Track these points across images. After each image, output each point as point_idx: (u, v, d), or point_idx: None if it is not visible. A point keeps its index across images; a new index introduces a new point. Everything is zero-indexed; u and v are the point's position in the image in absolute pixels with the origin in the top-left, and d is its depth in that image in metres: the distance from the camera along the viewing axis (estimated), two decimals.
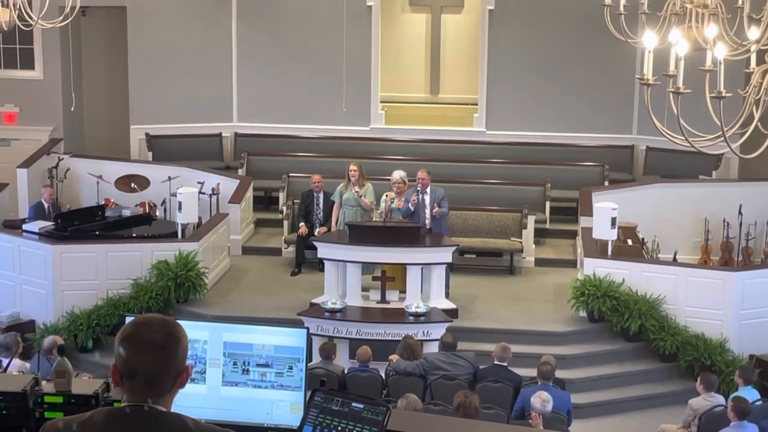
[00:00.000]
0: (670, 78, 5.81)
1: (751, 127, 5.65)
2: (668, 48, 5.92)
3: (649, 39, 5.77)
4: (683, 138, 5.58)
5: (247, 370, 3.88)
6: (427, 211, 13.90)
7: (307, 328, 3.91)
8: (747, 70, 6.01)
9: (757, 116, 5.60)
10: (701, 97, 5.86)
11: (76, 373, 4.27)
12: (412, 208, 13.79)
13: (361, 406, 3.56)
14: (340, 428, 3.54)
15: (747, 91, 5.70)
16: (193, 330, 3.90)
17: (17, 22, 11.72)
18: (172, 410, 3.09)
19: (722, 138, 5.45)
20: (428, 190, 13.96)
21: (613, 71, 17.76)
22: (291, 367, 3.86)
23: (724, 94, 5.35)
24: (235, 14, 18.79)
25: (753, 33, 6.10)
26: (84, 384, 4.02)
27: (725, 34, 7.99)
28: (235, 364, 3.89)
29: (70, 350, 13.26)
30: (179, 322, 3.17)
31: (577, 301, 13.54)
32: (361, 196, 14.31)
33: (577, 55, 18.14)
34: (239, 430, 3.91)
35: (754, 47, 6.00)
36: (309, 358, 11.80)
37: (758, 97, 5.60)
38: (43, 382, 4.01)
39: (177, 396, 3.13)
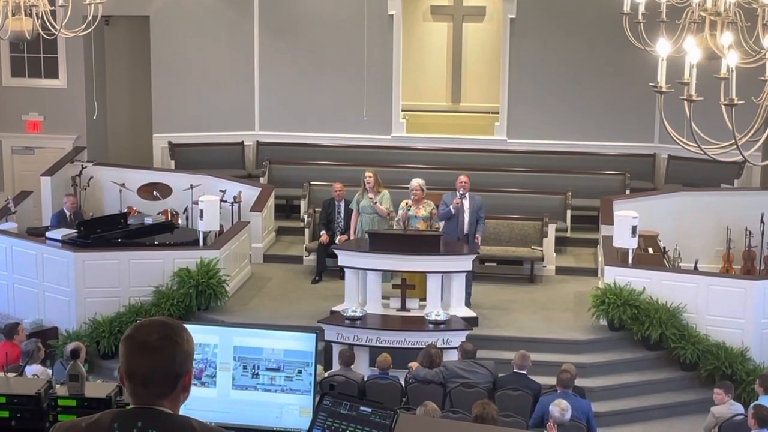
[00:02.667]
0: (684, 86, 5.82)
1: (765, 135, 5.66)
2: (685, 56, 5.94)
3: (662, 47, 5.78)
4: (696, 145, 5.59)
5: (257, 374, 3.92)
6: (466, 216, 13.92)
7: (317, 333, 3.93)
8: (763, 78, 6.01)
9: None
10: (718, 105, 5.87)
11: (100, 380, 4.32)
12: (453, 211, 13.80)
13: (369, 410, 3.60)
14: None
15: (761, 99, 5.70)
16: (203, 334, 3.96)
17: (40, 31, 11.83)
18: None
19: (735, 146, 5.45)
20: (467, 195, 13.99)
21: (634, 79, 17.68)
22: (300, 371, 3.89)
23: (735, 102, 5.36)
24: (257, 23, 18.88)
25: (767, 41, 6.10)
26: (97, 387, 4.08)
27: (744, 42, 7.98)
28: (245, 368, 3.92)
29: (92, 357, 13.36)
30: (187, 326, 3.20)
31: (598, 309, 13.52)
32: (375, 203, 14.34)
33: (598, 63, 18.13)
34: None
35: None
36: (330, 364, 11.78)
37: None
38: (57, 386, 4.06)
39: (188, 400, 3.13)
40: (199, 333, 3.95)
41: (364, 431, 3.56)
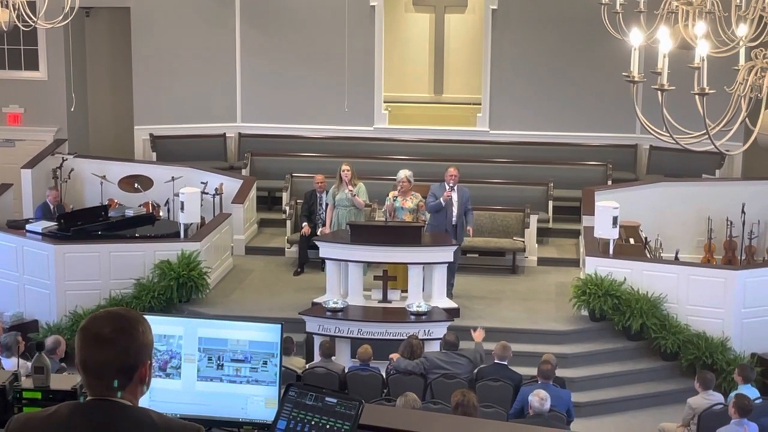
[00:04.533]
0: (657, 75, 5.81)
1: (737, 124, 5.66)
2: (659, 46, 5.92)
3: (635, 37, 5.78)
4: (668, 135, 5.59)
5: (222, 366, 3.90)
6: (455, 209, 13.93)
7: (282, 324, 3.91)
8: (736, 68, 6.01)
9: (744, 113, 5.60)
10: (693, 95, 5.86)
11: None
12: (443, 203, 13.80)
13: (335, 400, 3.58)
14: (313, 423, 3.56)
15: (733, 88, 5.70)
16: (168, 325, 3.94)
17: (17, 22, 11.75)
18: (142, 405, 3.09)
19: (707, 135, 5.45)
20: (455, 187, 13.99)
21: (615, 70, 17.52)
22: (266, 363, 3.87)
23: (707, 91, 5.36)
24: (238, 14, 18.82)
25: (741, 30, 6.11)
26: (62, 379, 4.05)
27: (722, 33, 7.98)
28: (210, 359, 3.90)
29: (73, 350, 13.29)
30: (151, 317, 3.17)
31: (579, 300, 13.54)
32: (355, 195, 14.32)
33: (580, 54, 18.13)
34: (214, 425, 3.95)
35: (742, 44, 6.00)
36: (312, 356, 11.76)
37: (744, 93, 5.60)
38: (23, 378, 4.04)
39: (153, 392, 3.12)
40: (163, 324, 3.93)
41: (330, 422, 3.55)
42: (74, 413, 3.01)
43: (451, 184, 13.90)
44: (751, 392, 10.66)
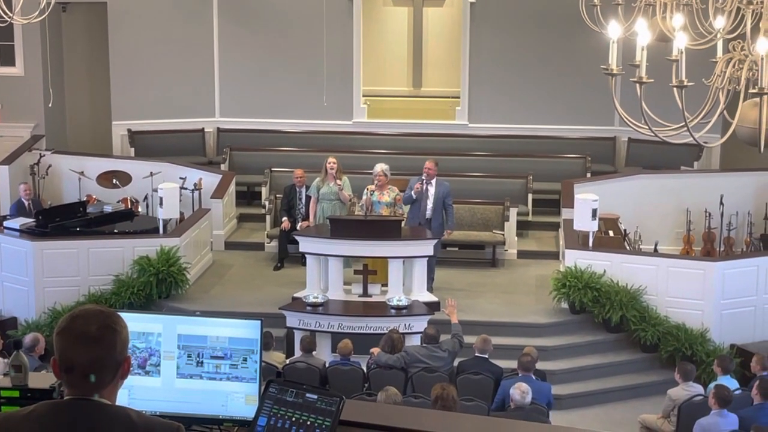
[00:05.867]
0: (636, 68, 5.82)
1: (716, 116, 5.67)
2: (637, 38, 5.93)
3: (613, 29, 5.78)
4: (647, 127, 5.59)
5: (202, 362, 3.88)
6: (429, 202, 13.93)
7: (261, 320, 3.89)
8: (713, 60, 6.02)
9: (722, 105, 5.61)
10: (670, 87, 5.87)
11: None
12: (414, 196, 13.80)
13: (315, 396, 3.58)
14: (294, 419, 3.56)
15: (711, 81, 5.72)
16: (147, 323, 3.92)
17: None
18: (122, 403, 3.08)
19: (686, 127, 5.46)
20: (433, 182, 13.99)
21: (594, 63, 17.51)
22: (245, 359, 3.86)
23: (685, 83, 5.37)
24: (216, 9, 18.76)
25: (719, 22, 6.12)
26: (41, 378, 4.02)
27: (699, 25, 7.99)
28: (189, 356, 3.88)
29: (52, 347, 13.23)
30: (130, 314, 3.16)
31: (559, 292, 13.56)
32: (341, 189, 14.31)
33: (558, 47, 18.15)
34: (194, 422, 3.93)
35: (719, 36, 6.01)
36: (292, 351, 11.75)
37: (722, 86, 5.61)
38: (0, 377, 4.01)
39: (133, 389, 3.11)
40: (142, 321, 3.92)
41: (311, 418, 3.55)
42: (53, 412, 2.99)
43: (424, 177, 13.91)
44: (730, 383, 10.70)
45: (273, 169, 17.30)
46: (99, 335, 2.98)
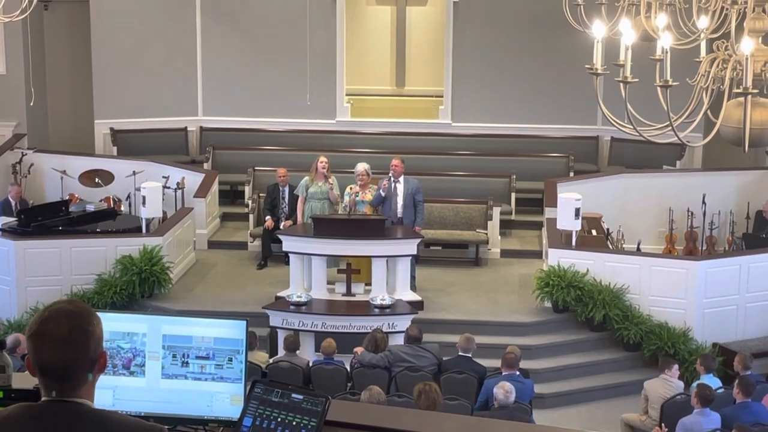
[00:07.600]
0: (620, 68, 5.83)
1: (700, 116, 5.68)
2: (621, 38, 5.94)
3: (597, 29, 5.79)
4: (631, 127, 5.60)
5: (187, 363, 3.86)
6: (399, 200, 13.93)
7: (247, 320, 3.88)
8: (697, 59, 6.04)
9: (706, 105, 5.63)
10: (654, 87, 5.88)
11: None
12: (383, 194, 13.80)
13: (301, 396, 3.57)
14: (279, 419, 3.55)
15: (696, 80, 5.73)
16: (131, 323, 3.89)
17: None
18: (106, 404, 3.05)
19: (670, 127, 5.47)
20: (401, 179, 13.99)
21: (577, 63, 17.63)
22: (231, 359, 3.84)
23: (670, 83, 5.38)
24: (199, 7, 18.71)
25: (702, 22, 6.14)
26: (25, 378, 3.99)
27: (683, 24, 8.01)
28: (174, 356, 3.86)
29: None
30: (114, 314, 3.12)
31: (542, 291, 13.58)
32: (332, 188, 14.28)
33: (542, 46, 18.17)
34: (180, 423, 3.91)
35: (703, 36, 6.03)
36: (276, 350, 11.73)
37: (706, 85, 5.63)
38: None
39: (117, 390, 3.07)
40: (127, 322, 3.89)
41: (296, 418, 3.54)
42: (29, 415, 2.93)
43: (390, 175, 13.92)
44: (713, 382, 10.74)
45: (256, 168, 17.26)
46: (71, 338, 2.91)
